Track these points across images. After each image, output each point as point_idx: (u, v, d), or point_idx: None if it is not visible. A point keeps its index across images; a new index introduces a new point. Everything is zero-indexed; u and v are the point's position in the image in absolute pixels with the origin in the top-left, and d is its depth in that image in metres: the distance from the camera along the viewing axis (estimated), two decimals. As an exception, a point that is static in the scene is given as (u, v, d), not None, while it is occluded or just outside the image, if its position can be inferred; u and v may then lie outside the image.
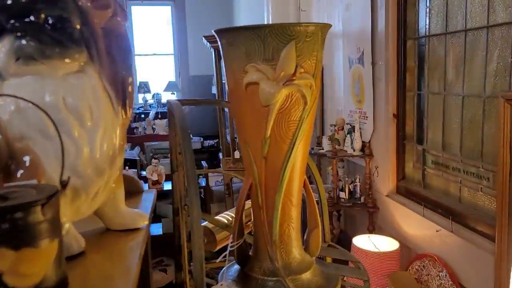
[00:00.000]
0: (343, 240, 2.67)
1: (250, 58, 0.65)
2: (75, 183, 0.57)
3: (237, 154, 2.94)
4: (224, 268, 0.80)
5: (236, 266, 0.79)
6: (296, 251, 0.74)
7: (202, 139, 5.39)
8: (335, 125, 2.69)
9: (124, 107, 0.60)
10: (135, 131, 3.98)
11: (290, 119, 0.68)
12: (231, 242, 0.75)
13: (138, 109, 5.46)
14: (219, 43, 0.71)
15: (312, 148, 2.91)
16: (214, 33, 0.70)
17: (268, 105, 0.66)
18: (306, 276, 0.73)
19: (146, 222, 0.69)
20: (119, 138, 0.61)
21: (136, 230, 0.67)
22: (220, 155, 3.28)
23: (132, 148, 5.01)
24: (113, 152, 0.61)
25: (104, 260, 0.58)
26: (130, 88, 0.61)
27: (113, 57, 0.57)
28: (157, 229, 3.42)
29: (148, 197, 0.84)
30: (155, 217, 3.45)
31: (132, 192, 0.87)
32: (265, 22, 3.46)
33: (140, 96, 5.79)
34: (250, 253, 0.77)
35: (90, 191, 0.60)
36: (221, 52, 0.71)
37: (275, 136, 0.68)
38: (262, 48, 0.64)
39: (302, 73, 0.66)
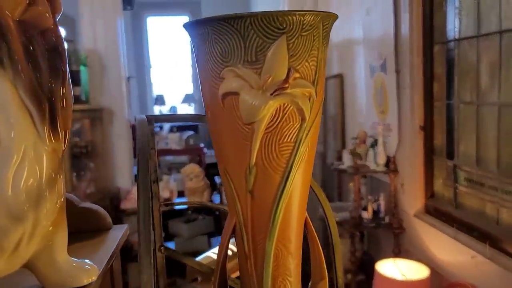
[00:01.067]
0: (367, 262, 2.46)
1: (227, 60, 0.49)
2: (-22, 234, 0.41)
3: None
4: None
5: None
6: (296, 312, 0.57)
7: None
8: (356, 138, 2.50)
9: (54, 127, 0.44)
10: (149, 145, 3.85)
11: (282, 141, 0.51)
12: (211, 300, 0.58)
13: (155, 122, 5.36)
14: (190, 41, 0.54)
15: (332, 163, 2.73)
16: (183, 27, 0.53)
17: (252, 123, 0.50)
18: None
19: (93, 278, 0.52)
20: (49, 169, 0.45)
21: (80, 290, 0.51)
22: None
23: (147, 163, 4.91)
24: (38, 187, 0.45)
25: None
26: (64, 102, 0.46)
27: (36, 61, 0.42)
28: (170, 248, 3.27)
29: (116, 236, 0.68)
30: (168, 236, 3.30)
31: (98, 229, 0.71)
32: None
33: (156, 109, 5.71)
34: (237, 313, 0.60)
35: (5, 244, 0.44)
36: (194, 53, 0.54)
37: (262, 164, 0.51)
38: (241, 46, 0.48)
39: (297, 79, 0.49)
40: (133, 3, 5.10)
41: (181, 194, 3.27)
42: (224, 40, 0.48)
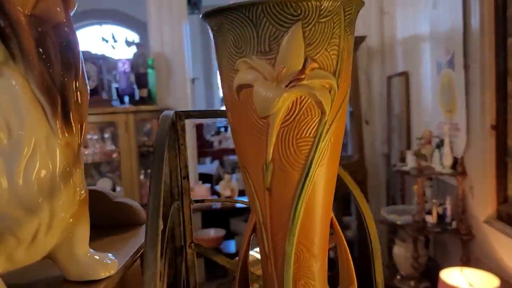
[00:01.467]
0: (432, 269, 2.32)
1: (241, 51, 0.47)
2: (-6, 225, 0.43)
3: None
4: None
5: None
6: (319, 318, 0.53)
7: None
8: (421, 139, 2.38)
9: (67, 121, 0.45)
10: (213, 144, 3.93)
11: (300, 136, 0.48)
12: (232, 300, 0.56)
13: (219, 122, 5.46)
14: (210, 33, 0.53)
15: (395, 165, 2.61)
16: (202, 19, 0.52)
17: (267, 116, 0.47)
18: None
19: (111, 272, 0.53)
20: (62, 162, 0.46)
21: (97, 282, 0.51)
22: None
23: (211, 162, 5.00)
24: (51, 180, 0.46)
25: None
26: (76, 96, 0.46)
27: (48, 56, 0.43)
28: (231, 247, 3.31)
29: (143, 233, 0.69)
30: (229, 235, 3.34)
31: (132, 224, 0.72)
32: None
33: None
34: (260, 315, 0.58)
35: (21, 235, 0.45)
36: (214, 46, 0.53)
37: (279, 160, 0.49)
38: (254, 36, 0.46)
39: (315, 69, 0.46)
40: (200, 7, 5.22)
41: (242, 193, 3.30)
42: (236, 29, 0.47)
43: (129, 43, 3.41)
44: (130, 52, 3.45)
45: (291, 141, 0.48)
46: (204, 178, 3.75)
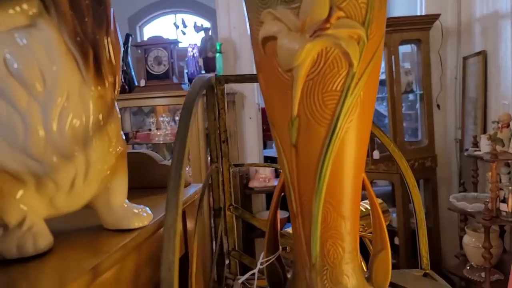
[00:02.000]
0: (506, 261, 2.17)
1: (266, 1, 0.46)
2: (33, 168, 0.46)
3: (375, 154, 2.64)
4: (264, 291, 0.62)
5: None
6: (349, 281, 0.52)
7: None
8: (498, 122, 2.21)
9: (99, 74, 0.47)
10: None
11: (326, 89, 0.47)
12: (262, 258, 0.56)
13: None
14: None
15: (467, 149, 2.46)
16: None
17: (291, 69, 0.46)
18: (361, 318, 0.50)
19: (145, 223, 0.55)
20: (96, 113, 0.48)
21: (130, 231, 0.54)
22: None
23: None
24: (84, 130, 0.48)
25: (64, 265, 0.45)
26: (108, 51, 0.48)
27: (80, 10, 0.45)
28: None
29: (186, 192, 0.70)
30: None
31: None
32: (418, 13, 3.06)
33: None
34: (289, 275, 0.57)
35: (59, 180, 0.48)
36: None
37: (305, 115, 0.48)
38: (278, -15, 0.45)
39: (341, 18, 0.44)
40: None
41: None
42: (261, -21, 0.46)
43: (198, 28, 3.49)
44: (199, 38, 3.54)
45: (317, 95, 0.47)
46: (270, 161, 3.77)
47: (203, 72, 3.45)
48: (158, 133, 3.14)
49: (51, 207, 0.49)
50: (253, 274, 0.59)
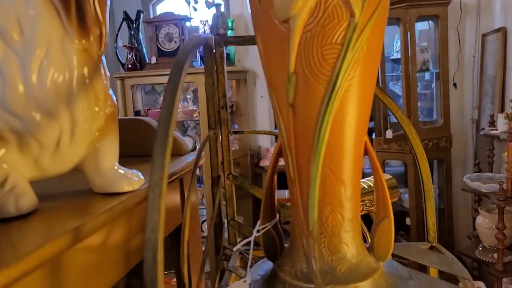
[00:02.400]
0: (521, 245, 2.13)
1: None
2: (14, 125, 0.44)
3: (388, 134, 2.59)
4: (260, 261, 0.59)
5: (276, 260, 0.57)
6: (348, 250, 0.49)
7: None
8: (516, 101, 2.14)
9: (82, 26, 0.44)
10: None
11: (325, 42, 0.43)
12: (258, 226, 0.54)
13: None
14: None
15: (483, 128, 2.39)
16: None
17: (287, 20, 0.43)
18: (360, 287, 0.48)
19: (135, 187, 0.53)
20: (80, 68, 0.46)
21: (120, 195, 0.51)
22: (374, 135, 2.96)
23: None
24: (68, 85, 0.45)
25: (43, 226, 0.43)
26: (93, 2, 0.45)
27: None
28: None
29: (183, 160, 0.68)
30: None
31: (174, 154, 0.72)
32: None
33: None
34: (287, 244, 0.55)
35: (43, 139, 0.46)
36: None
37: (302, 71, 0.44)
38: None
39: (342, -37, 0.41)
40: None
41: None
42: None
43: (209, 4, 3.43)
44: (210, 14, 3.48)
45: (315, 49, 0.43)
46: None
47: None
48: (169, 111, 3.12)
49: (36, 168, 0.47)
50: (250, 243, 0.56)
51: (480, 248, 2.21)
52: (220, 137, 0.66)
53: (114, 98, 0.53)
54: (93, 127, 0.49)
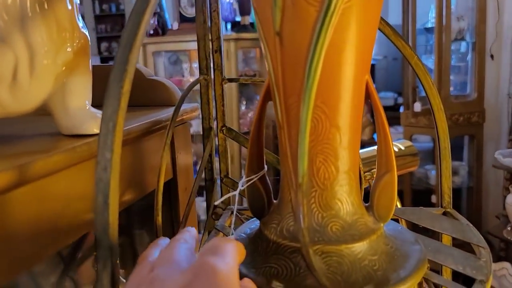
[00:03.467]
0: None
1: None
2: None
3: (417, 107, 2.47)
4: (251, 220, 0.54)
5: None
6: (342, 207, 0.43)
7: (396, 95, 4.85)
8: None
9: None
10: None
11: (317, -47, 0.36)
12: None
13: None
14: None
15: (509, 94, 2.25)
16: None
17: None
18: (354, 250, 0.41)
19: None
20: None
21: (89, 137, 0.46)
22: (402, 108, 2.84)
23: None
24: (19, 9, 0.40)
25: None
26: None
27: None
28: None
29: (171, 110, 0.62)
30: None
31: (165, 105, 0.66)
32: None
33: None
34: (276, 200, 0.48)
35: (-5, 68, 0.41)
36: None
37: (290, -10, 0.37)
38: None
39: None
40: None
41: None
42: None
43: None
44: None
45: (305, -38, 0.36)
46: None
47: (237, 17, 3.30)
48: (191, 80, 3.07)
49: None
50: (238, 199, 0.51)
51: (509, 228, 2.10)
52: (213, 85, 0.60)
53: (87, 32, 0.47)
54: (59, 60, 0.44)
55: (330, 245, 0.41)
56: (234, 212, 0.47)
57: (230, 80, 0.61)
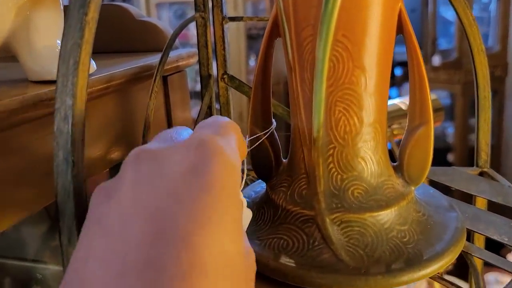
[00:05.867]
0: None
1: None
2: None
3: (435, 60, 2.34)
4: (256, 182, 0.47)
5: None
6: (366, 167, 0.35)
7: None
8: None
9: None
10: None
11: None
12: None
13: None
14: None
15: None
16: None
17: None
18: (380, 218, 0.34)
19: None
20: None
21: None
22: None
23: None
24: None
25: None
26: None
27: None
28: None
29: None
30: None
31: (157, 50, 0.58)
32: None
33: None
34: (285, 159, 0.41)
35: None
36: None
37: None
38: None
39: None
40: None
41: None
42: None
43: None
44: None
45: None
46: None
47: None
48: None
49: None
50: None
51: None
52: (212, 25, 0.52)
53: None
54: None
55: (351, 213, 0.34)
56: (244, 176, 0.39)
57: (232, 19, 0.52)
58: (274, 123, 0.40)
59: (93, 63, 0.41)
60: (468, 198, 0.48)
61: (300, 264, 0.33)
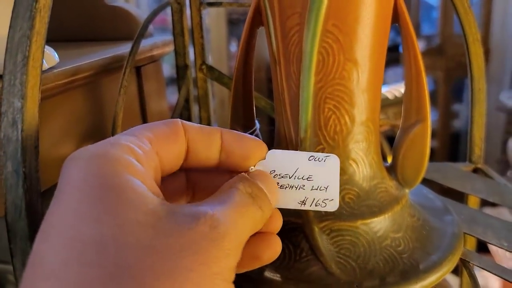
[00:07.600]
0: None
1: None
2: None
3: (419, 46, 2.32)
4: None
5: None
6: (358, 170, 0.32)
7: (394, 33, 4.67)
8: None
9: None
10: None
11: None
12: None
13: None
14: None
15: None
16: None
17: None
18: (373, 226, 0.31)
19: (53, 63, 0.36)
20: None
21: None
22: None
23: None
24: None
25: None
26: None
27: None
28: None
29: (141, 44, 0.50)
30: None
31: (129, 38, 0.53)
32: None
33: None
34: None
35: None
36: None
37: None
38: None
39: None
40: None
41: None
42: None
43: None
44: None
45: None
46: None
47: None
48: (178, 18, 2.87)
49: None
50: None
51: (509, 174, 2.04)
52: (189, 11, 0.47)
53: None
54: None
55: (341, 221, 0.31)
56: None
57: (210, 5, 0.48)
58: (258, 125, 0.37)
59: (54, 54, 0.37)
60: (460, 194, 0.45)
61: (286, 278, 0.30)
